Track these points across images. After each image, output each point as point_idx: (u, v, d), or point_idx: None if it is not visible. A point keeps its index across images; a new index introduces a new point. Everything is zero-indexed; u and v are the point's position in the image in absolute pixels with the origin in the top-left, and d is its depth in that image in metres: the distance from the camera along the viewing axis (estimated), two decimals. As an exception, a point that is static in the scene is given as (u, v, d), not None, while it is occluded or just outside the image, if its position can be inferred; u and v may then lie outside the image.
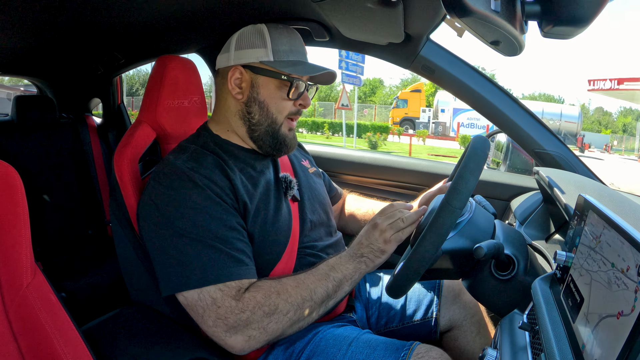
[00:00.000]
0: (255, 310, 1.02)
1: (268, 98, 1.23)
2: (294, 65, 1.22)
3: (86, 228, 2.59)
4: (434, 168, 1.92)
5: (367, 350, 1.12)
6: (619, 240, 0.63)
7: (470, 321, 1.38)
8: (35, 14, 1.38)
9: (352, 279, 1.16)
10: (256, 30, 1.24)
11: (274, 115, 1.24)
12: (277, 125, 1.25)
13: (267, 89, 1.23)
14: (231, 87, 1.24)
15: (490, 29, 0.82)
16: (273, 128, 1.25)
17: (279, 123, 1.25)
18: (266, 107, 1.23)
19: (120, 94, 2.87)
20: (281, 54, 1.23)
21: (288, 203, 1.28)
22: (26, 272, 0.93)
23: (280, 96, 1.23)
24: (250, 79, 1.23)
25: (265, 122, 1.24)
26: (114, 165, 1.32)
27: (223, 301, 1.03)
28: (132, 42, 1.92)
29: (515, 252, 1.00)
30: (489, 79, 1.60)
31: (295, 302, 1.07)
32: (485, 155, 0.97)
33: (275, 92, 1.23)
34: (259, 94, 1.23)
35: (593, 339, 0.60)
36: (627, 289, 0.56)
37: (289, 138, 1.28)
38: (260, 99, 1.23)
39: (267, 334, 1.04)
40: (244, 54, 1.23)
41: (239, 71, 1.23)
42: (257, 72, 1.23)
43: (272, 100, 1.23)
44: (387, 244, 1.17)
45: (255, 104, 1.24)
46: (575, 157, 1.58)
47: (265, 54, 1.22)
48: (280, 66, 1.21)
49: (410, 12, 1.26)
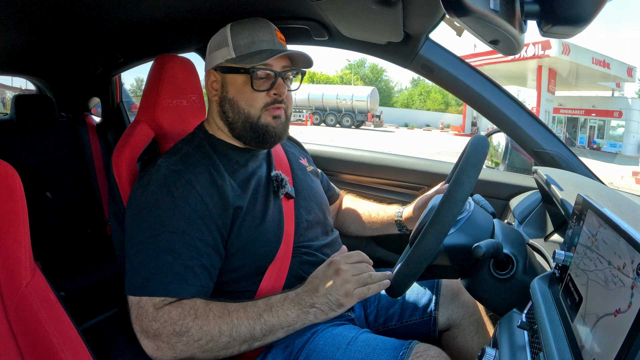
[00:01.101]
0: (166, 325, 1.01)
1: (236, 94, 1.24)
2: (252, 56, 1.21)
3: (85, 227, 2.59)
4: (433, 167, 1.92)
5: (365, 350, 1.12)
6: (614, 237, 0.63)
7: (469, 320, 1.38)
8: (34, 12, 1.37)
9: (290, 327, 1.08)
10: (221, 32, 1.27)
11: (245, 110, 1.23)
12: (253, 119, 1.23)
13: (234, 86, 1.24)
14: (208, 90, 1.28)
15: (489, 28, 0.82)
16: (250, 122, 1.23)
17: (254, 116, 1.23)
18: (236, 104, 1.24)
19: (119, 93, 2.87)
20: (242, 48, 1.23)
21: (279, 202, 1.28)
22: (25, 271, 0.93)
23: (247, 90, 1.22)
24: (220, 79, 1.26)
25: (240, 119, 1.24)
26: (112, 165, 1.32)
27: (145, 303, 1.03)
28: (131, 41, 1.91)
29: (514, 252, 1.00)
30: (488, 78, 1.60)
31: (210, 332, 1.02)
32: (485, 152, 0.98)
33: (243, 87, 1.23)
34: (228, 92, 1.25)
35: (592, 338, 0.60)
36: (623, 285, 0.56)
37: (273, 126, 1.25)
38: (229, 96, 1.25)
39: (175, 352, 1.02)
40: (214, 57, 1.27)
41: (212, 74, 1.27)
42: (224, 72, 1.25)
43: (241, 95, 1.23)
44: (348, 297, 1.08)
45: (227, 103, 1.25)
46: (575, 156, 1.58)
47: (228, 52, 1.24)
48: (240, 60, 1.22)
49: (409, 11, 1.26)
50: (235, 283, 1.20)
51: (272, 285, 1.20)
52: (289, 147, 1.52)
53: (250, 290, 1.20)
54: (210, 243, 1.11)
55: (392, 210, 1.57)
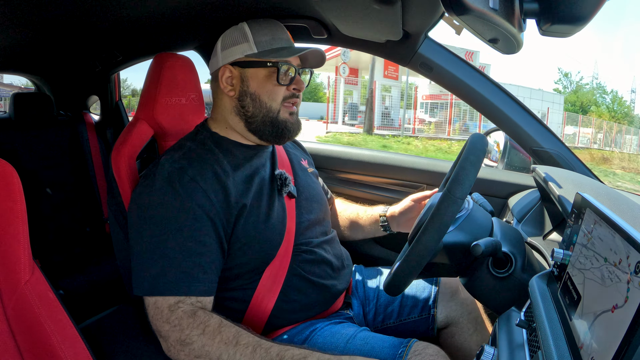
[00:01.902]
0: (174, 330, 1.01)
1: (258, 88, 1.25)
2: (278, 51, 1.24)
3: (84, 225, 2.59)
4: (432, 165, 1.92)
5: (364, 347, 1.12)
6: (610, 234, 0.63)
7: (467, 318, 1.38)
8: (32, 10, 1.37)
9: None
10: (237, 29, 1.27)
11: (267, 103, 1.25)
12: (273, 113, 1.25)
13: (256, 80, 1.25)
14: (223, 86, 1.27)
15: (488, 26, 0.82)
16: (270, 116, 1.25)
17: (274, 110, 1.25)
18: (258, 98, 1.25)
19: (118, 92, 2.87)
20: (264, 44, 1.25)
21: (283, 200, 1.28)
22: (24, 270, 0.93)
23: (270, 84, 1.24)
24: (239, 74, 1.26)
25: (261, 113, 1.25)
26: (111, 163, 1.32)
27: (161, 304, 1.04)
28: (130, 39, 1.91)
29: (512, 250, 1.00)
30: (486, 76, 1.60)
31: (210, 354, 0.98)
32: (484, 150, 0.98)
33: (265, 81, 1.24)
34: (249, 86, 1.25)
35: (590, 336, 0.60)
36: (619, 281, 0.57)
37: (291, 122, 1.28)
38: (251, 90, 1.25)
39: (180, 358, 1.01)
40: (229, 53, 1.26)
41: (228, 69, 1.26)
42: (244, 66, 1.25)
43: (263, 89, 1.24)
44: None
45: (247, 97, 1.25)
46: (573, 155, 1.58)
47: (249, 47, 1.25)
48: (264, 55, 1.24)
49: (408, 9, 1.26)
50: (235, 280, 1.20)
51: (271, 283, 1.20)
52: (291, 149, 1.52)
53: (248, 288, 1.20)
54: (216, 239, 1.11)
55: (377, 210, 1.58)
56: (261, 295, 1.20)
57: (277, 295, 1.21)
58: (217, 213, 1.12)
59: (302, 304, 1.25)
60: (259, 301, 1.20)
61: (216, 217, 1.12)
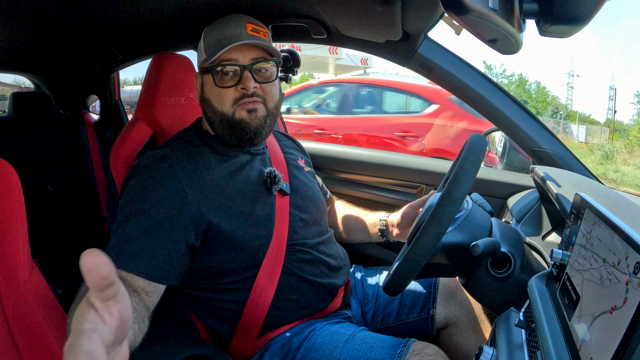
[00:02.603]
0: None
1: (209, 94, 1.25)
2: (213, 54, 1.20)
3: (83, 225, 2.59)
4: (431, 166, 1.92)
5: (363, 347, 1.12)
6: (609, 234, 0.63)
7: (466, 318, 1.38)
8: (32, 10, 1.37)
9: None
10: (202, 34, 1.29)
11: (217, 108, 1.23)
12: (228, 116, 1.22)
13: (207, 86, 1.26)
14: (197, 91, 1.32)
15: (488, 27, 0.82)
16: (226, 119, 1.23)
17: (227, 113, 1.22)
18: (210, 103, 1.25)
19: (117, 91, 2.87)
20: (210, 48, 1.23)
21: (272, 198, 1.27)
22: (23, 269, 0.93)
23: (215, 88, 1.23)
24: (201, 81, 1.28)
25: (216, 117, 1.24)
26: (110, 162, 1.32)
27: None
28: (130, 38, 1.91)
29: (511, 250, 1.00)
30: (486, 77, 1.60)
31: None
32: (483, 150, 0.98)
33: (211, 86, 1.23)
34: (204, 92, 1.27)
35: (589, 336, 0.60)
36: (618, 282, 0.57)
37: (247, 121, 1.22)
38: (205, 96, 1.27)
39: None
40: (197, 59, 1.31)
41: (197, 76, 1.31)
42: (201, 73, 1.28)
43: (212, 94, 1.24)
44: None
45: (204, 103, 1.27)
46: (573, 155, 1.58)
47: (202, 53, 1.26)
48: (208, 59, 1.21)
49: (408, 9, 1.26)
50: (227, 278, 1.20)
51: (266, 282, 1.20)
52: (288, 148, 1.51)
53: (244, 289, 1.20)
54: (180, 228, 1.09)
55: (376, 217, 1.55)
56: (257, 295, 1.20)
57: (273, 295, 1.21)
58: (188, 204, 1.11)
59: (298, 303, 1.25)
60: (254, 301, 1.20)
61: (185, 207, 1.11)
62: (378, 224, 1.52)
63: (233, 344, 1.23)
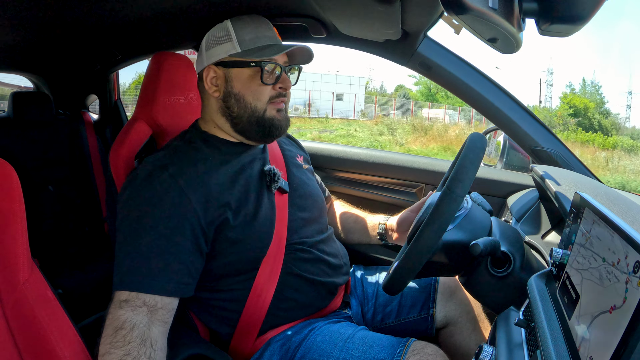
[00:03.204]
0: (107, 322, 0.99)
1: (243, 89, 1.23)
2: (261, 50, 1.22)
3: (83, 225, 2.59)
4: (431, 165, 1.92)
5: (363, 347, 1.12)
6: (608, 233, 0.63)
7: (466, 318, 1.38)
8: (32, 10, 1.37)
9: None
10: (221, 28, 1.26)
11: (252, 104, 1.23)
12: (259, 113, 1.23)
13: (240, 81, 1.23)
14: (208, 86, 1.26)
15: (487, 26, 0.82)
16: (256, 116, 1.23)
17: (260, 110, 1.23)
18: (242, 98, 1.23)
19: (117, 91, 2.87)
20: (247, 43, 1.23)
21: (272, 197, 1.27)
22: (23, 269, 0.93)
23: (254, 84, 1.22)
24: (223, 75, 1.24)
25: (246, 113, 1.23)
26: (110, 162, 1.32)
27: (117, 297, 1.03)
28: (129, 38, 1.91)
29: (511, 249, 1.00)
30: (486, 76, 1.60)
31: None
32: (483, 148, 0.98)
33: (249, 81, 1.22)
34: (233, 87, 1.23)
35: (589, 335, 0.60)
36: (618, 281, 0.57)
37: (278, 120, 1.25)
38: (235, 91, 1.23)
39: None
40: (213, 53, 1.25)
41: (212, 70, 1.25)
42: (228, 67, 1.24)
43: (247, 89, 1.23)
44: None
45: (232, 98, 1.24)
46: (572, 154, 1.58)
47: (232, 46, 1.23)
48: (247, 55, 1.21)
49: (407, 8, 1.26)
50: (227, 279, 1.20)
51: (266, 281, 1.20)
52: (286, 145, 1.51)
53: (244, 288, 1.20)
54: (192, 239, 1.09)
55: (376, 220, 1.54)
56: (256, 295, 1.20)
57: (272, 294, 1.21)
58: (195, 213, 1.10)
59: (299, 302, 1.25)
60: (254, 300, 1.20)
61: (193, 216, 1.10)
62: (377, 227, 1.51)
63: (233, 344, 1.23)
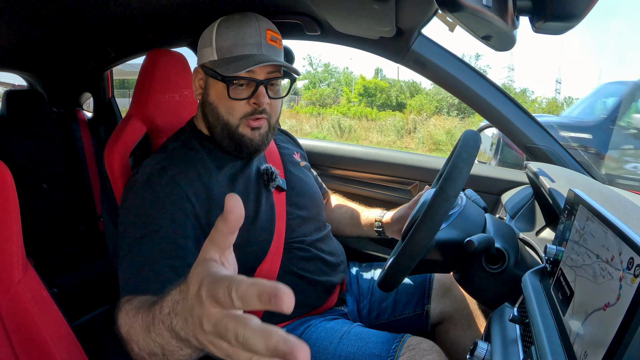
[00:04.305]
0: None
1: (216, 99, 1.17)
2: (230, 63, 1.13)
3: (77, 223, 2.58)
4: (426, 162, 1.92)
5: (358, 343, 1.13)
6: (602, 230, 0.64)
7: (461, 314, 1.39)
8: (25, 7, 1.36)
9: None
10: (210, 28, 1.20)
11: (224, 117, 1.17)
12: (231, 127, 1.17)
13: (215, 90, 1.17)
14: (195, 87, 1.22)
15: (481, 24, 0.83)
16: (228, 129, 1.18)
17: (232, 125, 1.17)
18: (216, 109, 1.18)
19: (111, 89, 2.86)
20: (224, 51, 1.16)
21: (271, 196, 1.26)
22: (17, 268, 0.93)
23: (226, 98, 1.14)
24: (204, 80, 1.20)
25: (219, 124, 1.18)
26: (104, 160, 1.31)
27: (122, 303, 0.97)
28: (123, 36, 1.90)
29: (505, 246, 1.01)
30: (480, 73, 1.60)
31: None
32: (477, 146, 0.98)
33: (222, 93, 1.15)
34: (209, 95, 1.19)
35: (583, 332, 0.61)
36: (612, 278, 0.57)
37: (249, 138, 1.18)
38: (210, 100, 1.18)
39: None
40: (201, 54, 1.21)
41: (199, 72, 1.21)
42: (207, 73, 1.18)
43: (220, 101, 1.16)
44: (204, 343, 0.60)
45: (207, 106, 1.20)
46: (566, 151, 1.59)
47: (211, 52, 1.18)
48: (220, 65, 1.15)
49: (402, 6, 1.26)
50: None
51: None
52: (283, 142, 1.51)
53: None
54: (194, 241, 1.08)
55: (373, 214, 1.54)
56: None
57: None
58: (197, 215, 1.09)
59: (296, 301, 1.24)
60: None
61: (195, 219, 1.09)
62: (374, 224, 1.51)
63: (228, 342, 1.22)
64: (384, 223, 1.48)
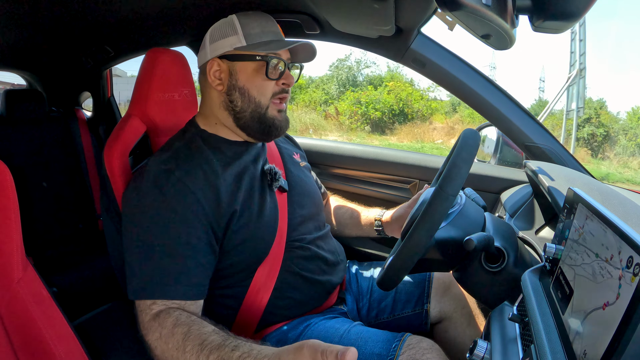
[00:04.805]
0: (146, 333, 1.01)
1: (247, 82, 1.22)
2: (267, 44, 1.21)
3: (77, 222, 2.58)
4: (425, 161, 1.92)
5: (358, 342, 1.13)
6: (601, 229, 0.64)
7: (460, 313, 1.39)
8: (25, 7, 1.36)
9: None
10: (226, 21, 1.24)
11: (256, 98, 1.22)
12: (262, 109, 1.23)
13: (245, 74, 1.22)
14: (211, 79, 1.24)
15: (481, 22, 0.83)
16: (259, 112, 1.23)
17: (263, 106, 1.23)
18: (247, 92, 1.22)
19: (110, 87, 2.85)
20: (253, 37, 1.22)
21: (274, 195, 1.27)
22: (17, 267, 0.93)
23: (259, 78, 1.21)
24: (227, 68, 1.23)
25: (249, 108, 1.22)
26: (104, 159, 1.31)
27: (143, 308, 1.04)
28: (123, 35, 1.90)
29: (505, 245, 1.01)
30: (479, 72, 1.60)
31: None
32: (476, 145, 0.98)
33: (254, 75, 1.21)
34: (238, 80, 1.22)
35: (582, 330, 0.61)
36: (611, 277, 0.57)
37: (279, 120, 1.25)
38: (240, 85, 1.22)
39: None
40: (218, 45, 1.23)
41: (216, 63, 1.23)
42: (233, 60, 1.22)
43: (252, 83, 1.22)
44: None
45: (236, 91, 1.22)
46: (566, 150, 1.59)
47: (238, 40, 1.21)
48: (253, 48, 1.20)
49: (401, 5, 1.25)
50: (227, 279, 1.20)
51: (265, 280, 1.20)
52: (282, 143, 1.51)
53: (242, 286, 1.20)
54: (206, 240, 1.09)
55: (372, 214, 1.56)
56: (254, 293, 1.20)
57: (270, 292, 1.21)
58: (206, 214, 1.10)
59: (296, 301, 1.25)
60: (252, 298, 1.20)
61: (205, 218, 1.10)
62: (374, 224, 1.52)
63: (228, 340, 1.23)
64: (384, 222, 1.49)
